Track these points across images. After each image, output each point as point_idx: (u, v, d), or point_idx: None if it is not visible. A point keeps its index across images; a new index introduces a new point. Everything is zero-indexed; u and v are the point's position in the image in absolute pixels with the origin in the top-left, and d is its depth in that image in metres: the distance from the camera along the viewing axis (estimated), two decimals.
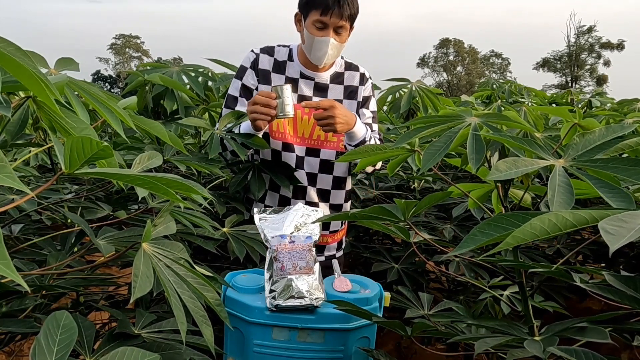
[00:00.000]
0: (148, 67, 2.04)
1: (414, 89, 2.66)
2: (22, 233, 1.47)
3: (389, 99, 2.86)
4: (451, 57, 48.70)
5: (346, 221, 1.89)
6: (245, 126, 1.60)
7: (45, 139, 1.56)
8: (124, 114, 0.95)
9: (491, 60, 49.94)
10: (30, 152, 1.82)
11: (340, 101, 1.73)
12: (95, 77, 49.25)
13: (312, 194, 1.75)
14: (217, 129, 1.63)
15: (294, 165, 1.71)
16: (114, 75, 49.44)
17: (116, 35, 52.28)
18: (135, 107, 1.28)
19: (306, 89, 1.71)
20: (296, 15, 1.65)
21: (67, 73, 1.22)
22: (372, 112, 1.80)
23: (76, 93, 0.97)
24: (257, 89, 1.69)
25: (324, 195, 1.77)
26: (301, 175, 1.72)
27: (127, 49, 51.93)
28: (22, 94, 1.15)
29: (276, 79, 1.69)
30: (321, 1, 1.55)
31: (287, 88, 1.52)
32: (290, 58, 1.71)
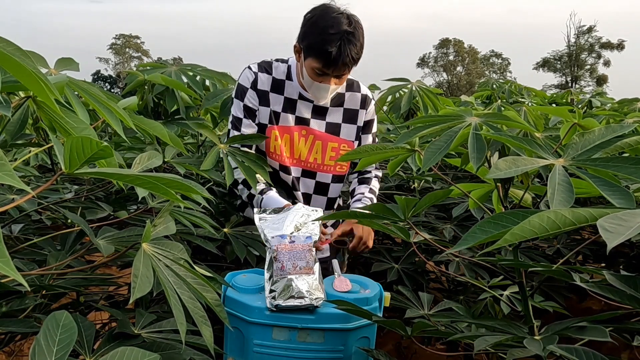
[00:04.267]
0: (148, 67, 2.04)
1: (414, 89, 2.66)
2: (22, 233, 1.47)
3: (389, 99, 2.86)
4: (451, 57, 48.69)
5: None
6: (269, 202, 1.58)
7: (46, 139, 1.56)
8: (123, 114, 0.95)
9: (491, 60, 49.94)
10: (30, 152, 1.82)
11: (339, 125, 1.69)
12: (95, 77, 49.24)
13: None
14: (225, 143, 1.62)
15: (290, 185, 1.72)
16: (114, 75, 49.42)
17: (116, 35, 52.30)
18: (136, 107, 1.27)
19: (305, 110, 1.66)
20: (295, 46, 1.58)
21: (67, 73, 1.22)
22: (373, 134, 1.77)
23: (76, 93, 0.97)
24: (258, 109, 1.65)
25: None
26: (297, 195, 1.73)
27: (127, 49, 51.93)
28: (22, 94, 1.15)
29: (274, 99, 1.64)
30: (323, 55, 1.47)
31: None
32: (289, 77, 1.65)
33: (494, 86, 4.06)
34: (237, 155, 1.58)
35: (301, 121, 1.66)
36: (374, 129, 1.78)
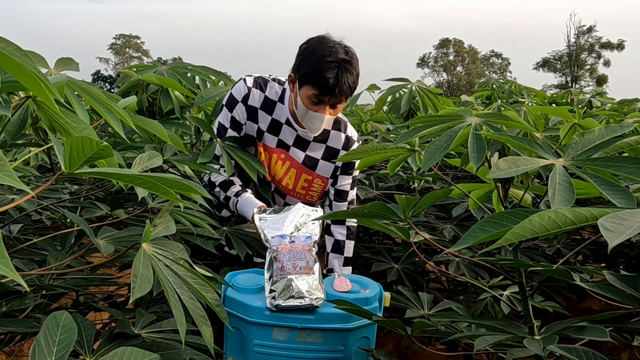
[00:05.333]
0: (141, 69, 2.02)
1: (414, 89, 2.66)
2: (22, 233, 1.47)
3: (389, 99, 2.86)
4: (451, 57, 48.67)
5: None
6: (244, 203, 1.59)
7: (45, 139, 1.56)
8: (124, 114, 0.95)
9: (491, 60, 49.92)
10: (30, 152, 1.82)
11: (317, 161, 1.69)
12: (95, 77, 49.21)
13: None
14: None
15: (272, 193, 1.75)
16: (114, 75, 49.38)
17: (116, 35, 52.28)
18: (135, 106, 1.27)
19: (289, 136, 1.66)
20: (290, 76, 1.56)
21: (67, 73, 1.22)
22: (353, 177, 1.75)
23: (76, 93, 0.97)
24: (245, 123, 1.66)
25: None
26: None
27: (127, 49, 51.91)
28: (22, 94, 1.15)
29: (262, 117, 1.64)
30: (321, 82, 1.45)
31: None
32: (281, 99, 1.64)
33: (494, 86, 4.07)
34: (234, 151, 1.59)
35: (282, 145, 1.67)
36: (356, 172, 1.76)
